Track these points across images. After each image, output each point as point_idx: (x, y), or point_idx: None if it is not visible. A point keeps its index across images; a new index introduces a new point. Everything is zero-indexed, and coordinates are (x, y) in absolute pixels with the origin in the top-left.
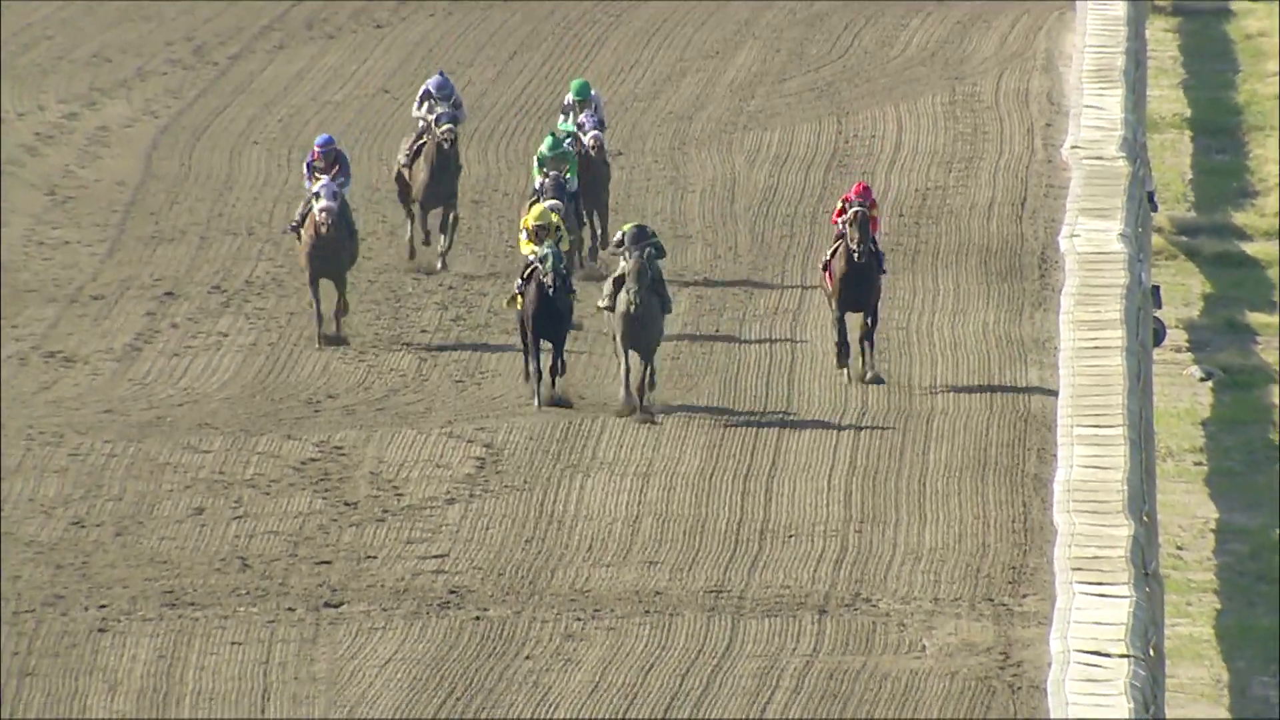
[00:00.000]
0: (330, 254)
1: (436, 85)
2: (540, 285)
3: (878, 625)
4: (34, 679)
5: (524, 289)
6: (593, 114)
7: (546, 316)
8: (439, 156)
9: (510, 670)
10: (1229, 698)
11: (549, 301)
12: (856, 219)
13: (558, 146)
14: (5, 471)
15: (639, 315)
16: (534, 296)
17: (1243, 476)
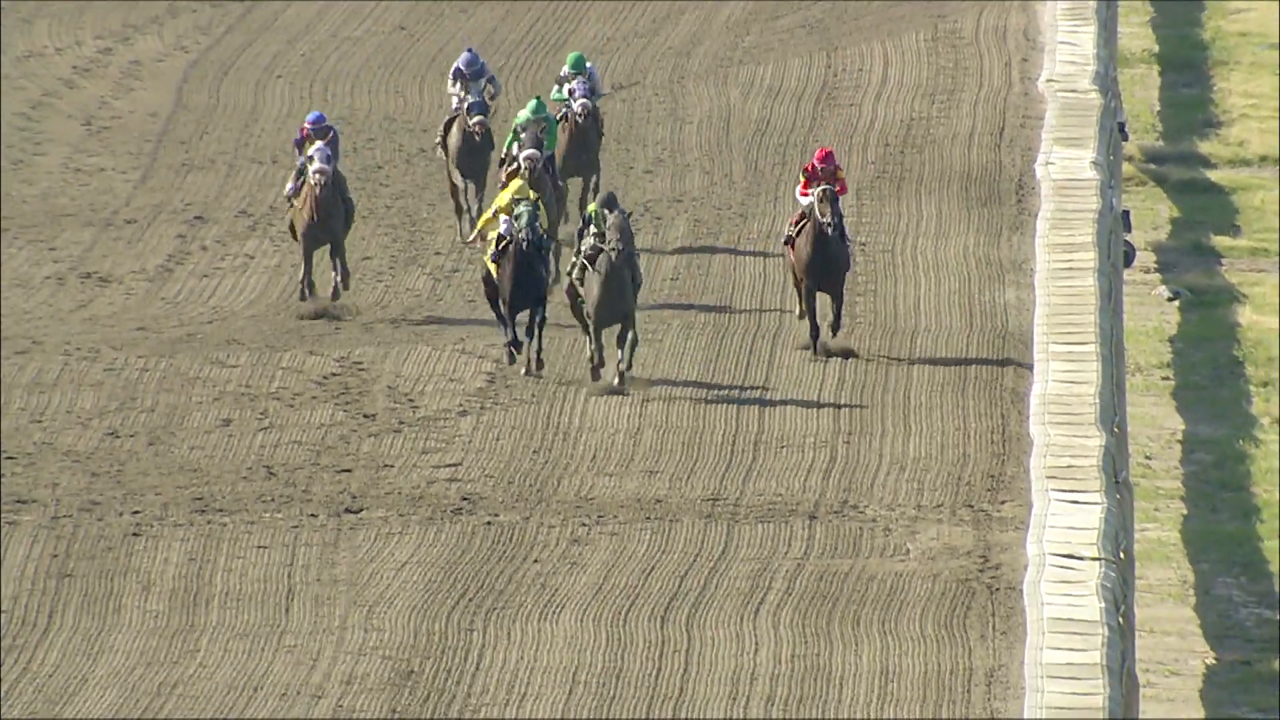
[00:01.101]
0: (325, 219)
1: (466, 63)
2: (518, 249)
3: (864, 530)
4: (72, 580)
5: (499, 259)
6: (585, 83)
7: (524, 279)
8: (468, 145)
9: (519, 573)
10: (1194, 597)
11: (525, 268)
12: (826, 196)
13: (540, 109)
14: (45, 385)
15: (618, 271)
16: (510, 264)
17: (1208, 390)
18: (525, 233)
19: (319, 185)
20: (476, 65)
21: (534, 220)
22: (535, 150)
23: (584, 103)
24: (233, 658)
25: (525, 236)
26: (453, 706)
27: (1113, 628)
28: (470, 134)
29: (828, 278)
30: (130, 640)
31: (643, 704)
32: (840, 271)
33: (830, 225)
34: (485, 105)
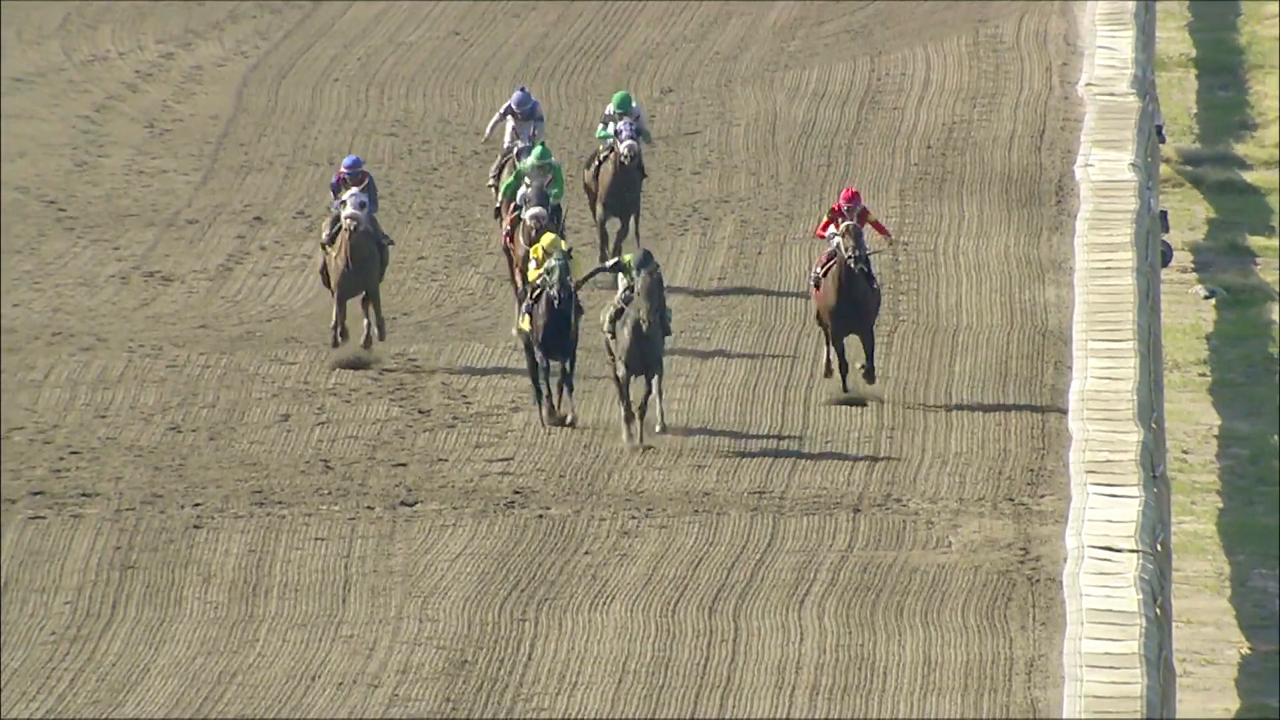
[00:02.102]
0: (360, 266)
1: (518, 102)
2: (550, 301)
3: (907, 523)
4: (134, 571)
5: (532, 309)
6: (631, 123)
7: (556, 331)
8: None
9: (570, 564)
10: (1230, 589)
11: (558, 317)
12: (849, 231)
13: (546, 156)
14: (109, 381)
15: (647, 335)
16: (543, 313)
17: (1243, 387)
18: (556, 289)
19: (351, 231)
20: (528, 105)
21: (565, 274)
22: (540, 209)
23: (630, 144)
24: (291, 647)
25: (556, 293)
26: (505, 695)
27: (1150, 618)
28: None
29: (855, 318)
30: (191, 630)
31: (691, 693)
32: (869, 312)
33: (854, 259)
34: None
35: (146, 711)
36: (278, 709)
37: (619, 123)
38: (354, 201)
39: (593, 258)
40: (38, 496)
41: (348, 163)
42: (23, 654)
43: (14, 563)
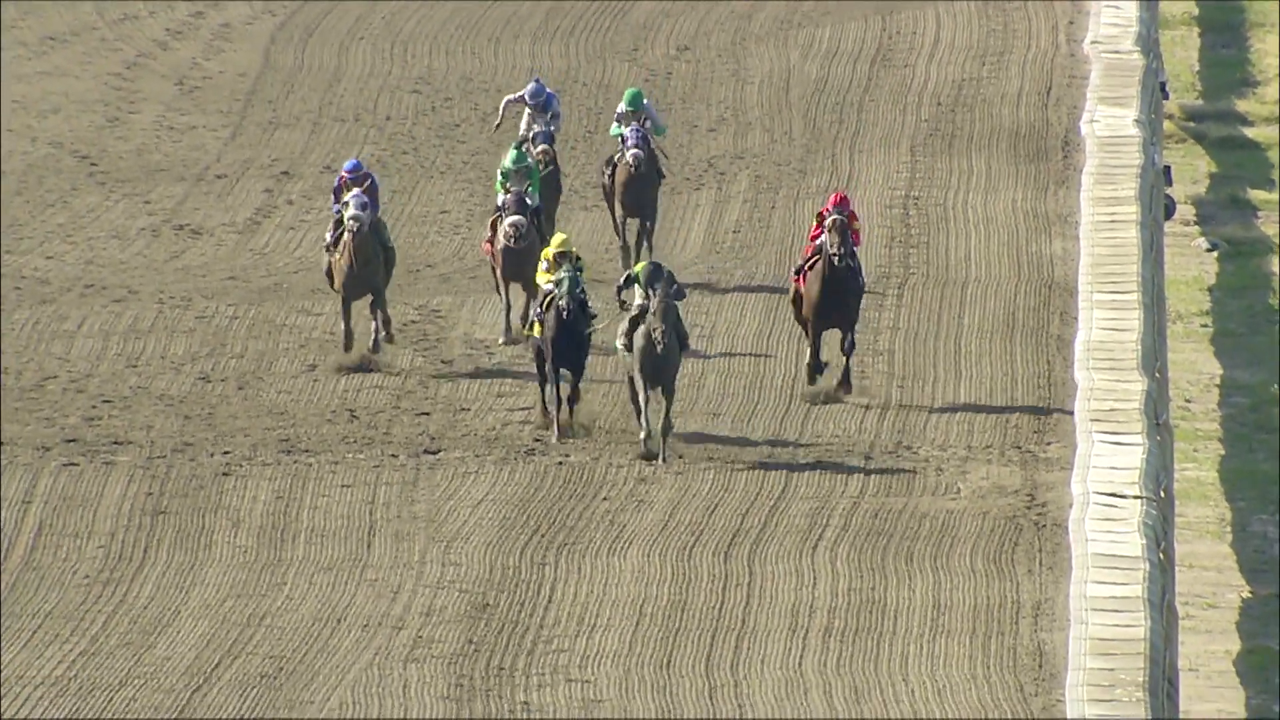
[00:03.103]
0: (364, 267)
1: (532, 93)
2: (559, 311)
3: (918, 470)
4: (166, 517)
5: (543, 316)
6: (638, 128)
7: (565, 343)
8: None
9: (589, 510)
10: (1231, 534)
11: (568, 327)
12: (835, 225)
13: (522, 160)
14: (140, 332)
15: (664, 349)
16: (553, 323)
17: (1244, 337)
18: (565, 300)
19: (354, 233)
20: (542, 97)
21: (576, 286)
22: (519, 218)
23: (635, 153)
24: (318, 590)
25: (565, 305)
26: (526, 637)
27: (1153, 563)
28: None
29: (837, 313)
30: (220, 574)
31: (706, 635)
32: (851, 309)
33: (838, 255)
34: (550, 134)
35: (177, 652)
36: (304, 650)
37: (627, 127)
38: (356, 203)
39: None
40: (71, 444)
41: (349, 166)
42: (57, 596)
43: (48, 508)
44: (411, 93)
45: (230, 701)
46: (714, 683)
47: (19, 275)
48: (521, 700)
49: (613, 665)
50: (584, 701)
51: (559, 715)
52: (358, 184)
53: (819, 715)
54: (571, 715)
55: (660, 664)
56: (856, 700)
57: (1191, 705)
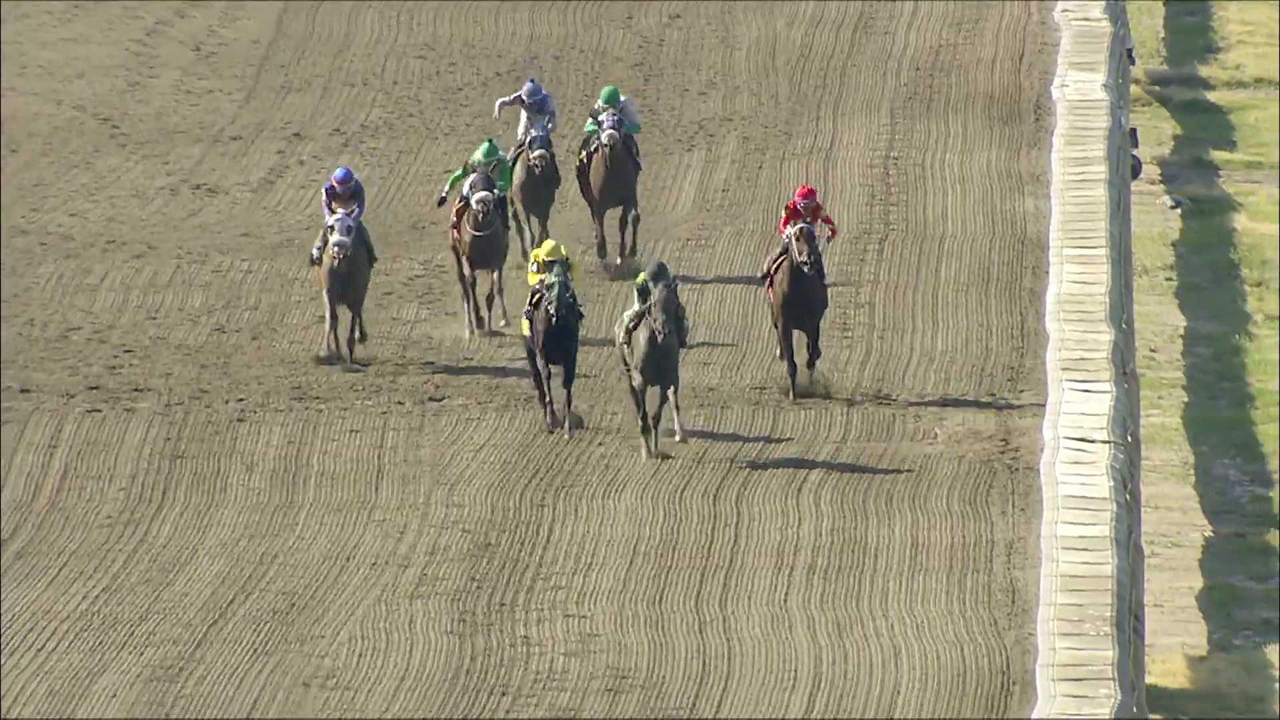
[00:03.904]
0: (347, 283)
1: (529, 93)
2: (548, 315)
3: (897, 416)
4: (183, 461)
5: (532, 315)
6: (614, 114)
7: (555, 342)
8: (531, 177)
9: (585, 454)
10: (1195, 477)
11: (557, 328)
12: (804, 235)
13: (493, 153)
14: (159, 286)
15: (663, 346)
16: (542, 323)
17: (1207, 291)
18: (554, 305)
19: (338, 260)
20: (538, 96)
21: (564, 291)
22: (487, 193)
23: (611, 133)
24: (328, 531)
25: (553, 310)
26: (526, 575)
27: (1121, 504)
28: (531, 168)
29: (805, 315)
30: (235, 515)
31: (696, 573)
32: (817, 310)
33: (807, 264)
34: (547, 139)
35: (194, 589)
36: (315, 587)
37: (603, 115)
38: (341, 227)
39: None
40: (94, 391)
41: (339, 175)
42: (80, 536)
43: (72, 452)
44: (417, 58)
45: (245, 635)
46: (703, 618)
47: (44, 232)
48: (521, 634)
49: (608, 601)
50: (580, 635)
51: (557, 649)
52: (346, 194)
53: (803, 648)
54: (569, 649)
55: (652, 600)
56: (839, 634)
57: (1157, 639)
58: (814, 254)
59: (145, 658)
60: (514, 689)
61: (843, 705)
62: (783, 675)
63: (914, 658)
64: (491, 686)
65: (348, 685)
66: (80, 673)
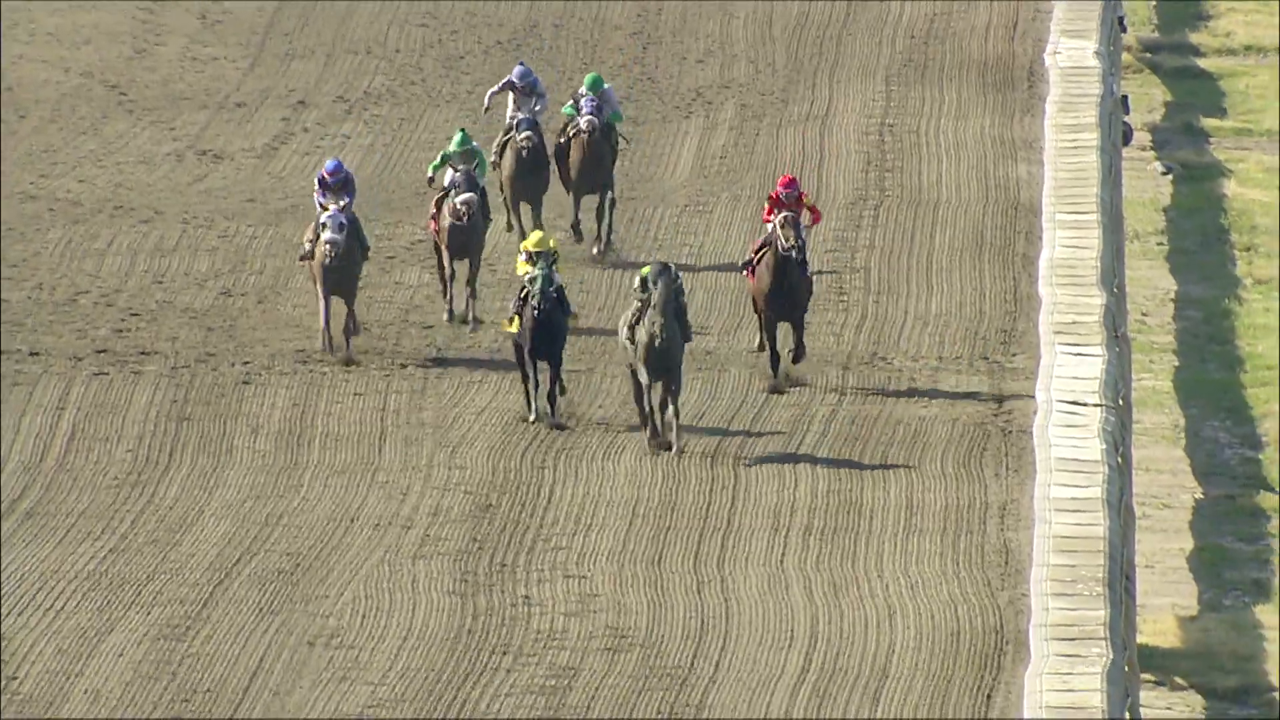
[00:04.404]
0: (340, 277)
1: (519, 76)
2: (533, 309)
3: (892, 379)
4: (189, 423)
5: (520, 310)
6: (593, 100)
7: (542, 337)
8: (519, 161)
9: (586, 416)
10: (1185, 439)
11: (543, 322)
12: (787, 222)
13: (466, 143)
14: (166, 250)
15: (664, 344)
16: (529, 318)
17: (1197, 255)
18: (538, 299)
19: (329, 257)
20: (529, 79)
21: (549, 284)
22: (471, 195)
23: (590, 118)
24: (332, 492)
25: (538, 304)
26: (527, 536)
27: (1112, 466)
28: (520, 150)
29: (789, 306)
30: (241, 476)
31: (694, 533)
32: (801, 300)
33: (793, 249)
34: (535, 121)
35: (201, 549)
36: (319, 547)
37: (582, 101)
38: (333, 224)
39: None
40: (102, 354)
41: (330, 167)
42: (89, 497)
43: (80, 414)
44: (419, 26)
45: (250, 595)
46: (701, 578)
47: (53, 197)
48: (522, 594)
49: (607, 562)
50: (580, 595)
51: (557, 608)
52: (337, 185)
53: (800, 607)
54: (569, 608)
55: (651, 561)
56: (835, 594)
57: (1148, 599)
58: (799, 240)
59: (152, 617)
60: (515, 648)
61: (838, 664)
62: (779, 634)
63: (909, 617)
64: (493, 646)
65: (351, 644)
66: (88, 631)
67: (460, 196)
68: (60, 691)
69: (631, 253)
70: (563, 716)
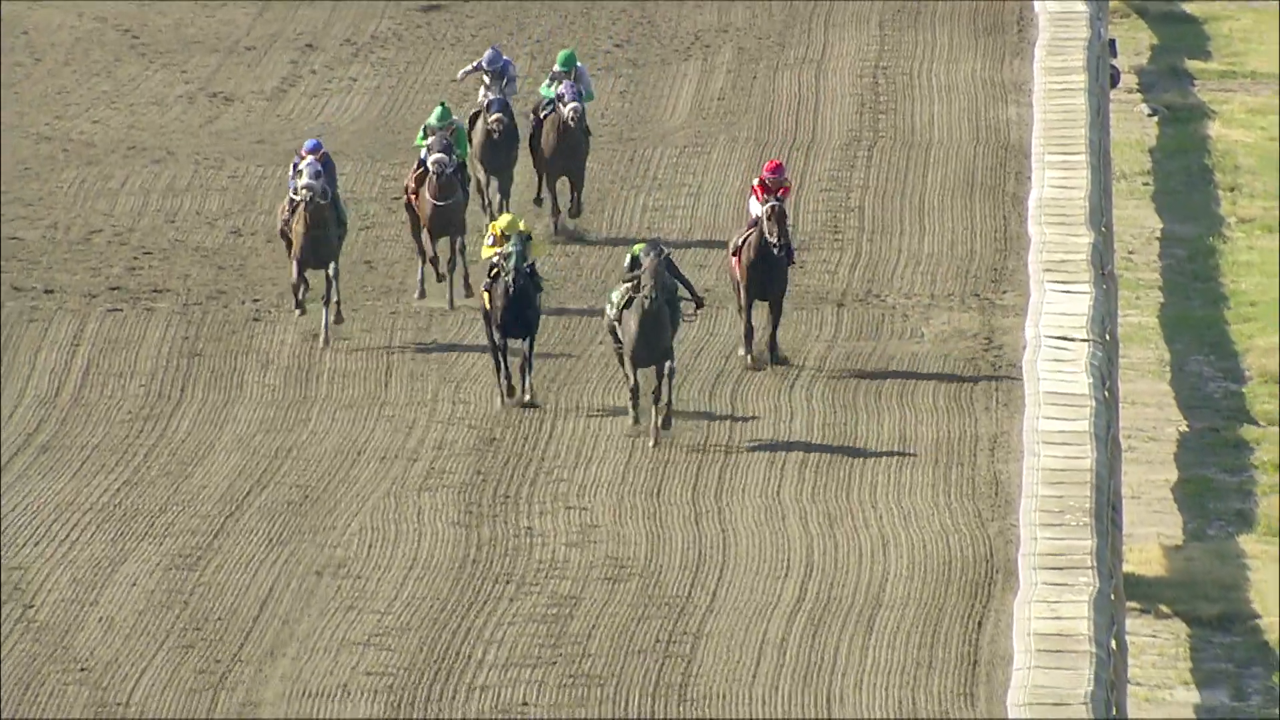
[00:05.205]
0: (318, 241)
1: (489, 60)
2: (506, 286)
3: (885, 316)
4: (201, 359)
5: (491, 287)
6: (573, 84)
7: (515, 314)
8: (490, 142)
9: (586, 352)
10: (1170, 373)
11: (516, 299)
12: (774, 214)
13: (446, 117)
14: (178, 190)
15: (654, 316)
16: (501, 295)
17: (1182, 195)
18: (512, 275)
19: (308, 201)
20: (499, 64)
21: (522, 260)
22: (443, 155)
23: (575, 106)
24: (340, 426)
25: (511, 280)
26: (529, 468)
27: (1099, 400)
28: (490, 131)
29: (769, 285)
30: (251, 411)
31: (693, 466)
32: (780, 287)
33: (777, 247)
34: (505, 102)
35: (212, 481)
36: (328, 480)
37: (562, 84)
38: (310, 171)
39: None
40: (115, 291)
41: (309, 146)
42: (103, 431)
43: (95, 350)
44: None
45: (260, 526)
46: (699, 509)
47: (67, 138)
48: (525, 525)
49: (607, 493)
50: (581, 526)
51: (559, 539)
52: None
53: (796, 537)
54: (570, 539)
55: (650, 492)
56: (829, 525)
57: (1134, 529)
58: (784, 236)
59: (165, 547)
60: (517, 577)
61: (833, 592)
62: (776, 564)
63: (902, 547)
64: (496, 575)
65: (358, 574)
66: (102, 561)
67: (434, 157)
68: (75, 619)
69: (631, 193)
70: (564, 644)
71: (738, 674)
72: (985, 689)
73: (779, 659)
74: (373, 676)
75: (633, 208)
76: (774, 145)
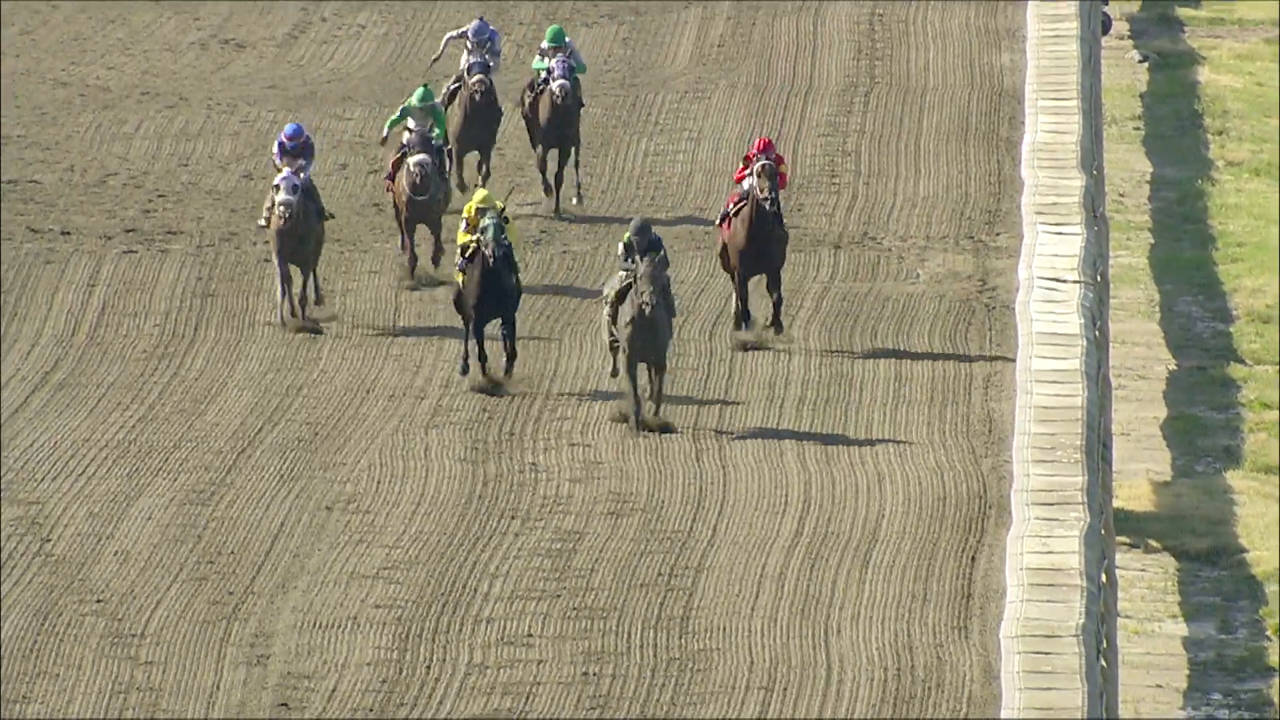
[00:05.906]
0: (296, 242)
1: (475, 31)
2: (484, 261)
3: (881, 258)
4: (214, 299)
5: (466, 267)
6: (564, 59)
7: (492, 294)
8: (473, 106)
9: (590, 294)
10: (1159, 314)
11: (493, 277)
12: (765, 171)
13: (428, 98)
14: (191, 134)
15: (650, 319)
16: (478, 273)
17: (1172, 139)
18: (490, 247)
19: (284, 219)
20: (484, 34)
21: (500, 234)
22: (425, 156)
23: (563, 84)
24: (349, 364)
25: (490, 252)
26: (534, 406)
27: (1090, 339)
28: (472, 94)
29: (765, 258)
30: (263, 350)
31: (694, 406)
32: (778, 253)
33: (768, 200)
34: (486, 64)
35: (225, 419)
36: (337, 417)
37: (553, 59)
38: (286, 185)
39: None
40: (130, 233)
41: (289, 131)
42: (119, 369)
43: (110, 290)
44: None
45: (271, 462)
46: (700, 446)
47: (83, 84)
48: (530, 461)
49: (609, 430)
50: (584, 463)
51: (563, 475)
52: (296, 150)
53: (794, 474)
54: (574, 475)
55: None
56: (827, 461)
57: (1124, 465)
58: (774, 191)
59: (179, 483)
60: (522, 512)
61: (830, 528)
62: (774, 499)
63: (897, 483)
64: (501, 510)
65: (367, 509)
66: (118, 496)
67: (415, 157)
68: (91, 553)
69: (634, 137)
70: (568, 577)
71: (737, 607)
72: (978, 621)
73: (778, 592)
74: (381, 609)
75: (634, 152)
76: (773, 91)
